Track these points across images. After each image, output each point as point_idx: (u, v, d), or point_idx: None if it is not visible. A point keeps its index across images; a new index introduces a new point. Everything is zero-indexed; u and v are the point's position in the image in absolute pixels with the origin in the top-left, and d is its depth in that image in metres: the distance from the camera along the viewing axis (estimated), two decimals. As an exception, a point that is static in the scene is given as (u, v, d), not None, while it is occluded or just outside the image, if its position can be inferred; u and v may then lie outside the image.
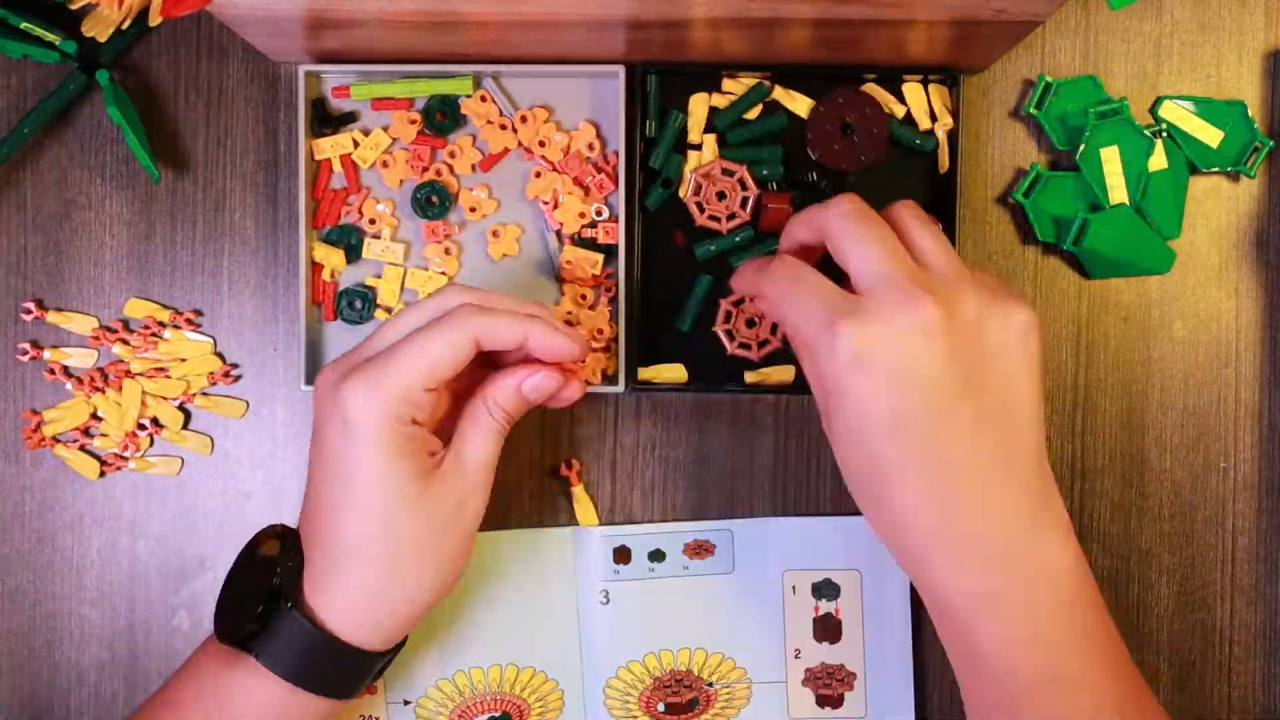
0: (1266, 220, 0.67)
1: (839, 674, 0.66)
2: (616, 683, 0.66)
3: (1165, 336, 0.67)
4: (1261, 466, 0.67)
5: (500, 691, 0.66)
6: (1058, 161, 0.67)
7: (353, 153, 0.65)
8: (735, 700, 0.66)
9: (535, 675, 0.66)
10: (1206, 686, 0.67)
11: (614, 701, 0.66)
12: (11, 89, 0.66)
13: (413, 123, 0.65)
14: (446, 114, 0.64)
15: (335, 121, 0.65)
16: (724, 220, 0.64)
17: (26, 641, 0.67)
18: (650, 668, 0.66)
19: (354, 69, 0.64)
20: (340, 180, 0.65)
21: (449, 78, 0.64)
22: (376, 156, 0.65)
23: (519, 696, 0.66)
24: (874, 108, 0.63)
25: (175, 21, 0.66)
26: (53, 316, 0.66)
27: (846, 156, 0.63)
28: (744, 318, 0.64)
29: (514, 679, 0.66)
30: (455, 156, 0.65)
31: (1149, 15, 0.67)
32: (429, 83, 0.64)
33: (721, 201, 0.63)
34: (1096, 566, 0.67)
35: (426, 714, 0.66)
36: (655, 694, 0.66)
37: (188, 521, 0.67)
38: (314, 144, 0.64)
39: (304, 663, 0.52)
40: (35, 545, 0.67)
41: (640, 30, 0.59)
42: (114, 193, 0.67)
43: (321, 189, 0.65)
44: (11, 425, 0.67)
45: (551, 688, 0.66)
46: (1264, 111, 0.67)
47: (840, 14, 0.56)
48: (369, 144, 0.65)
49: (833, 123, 0.63)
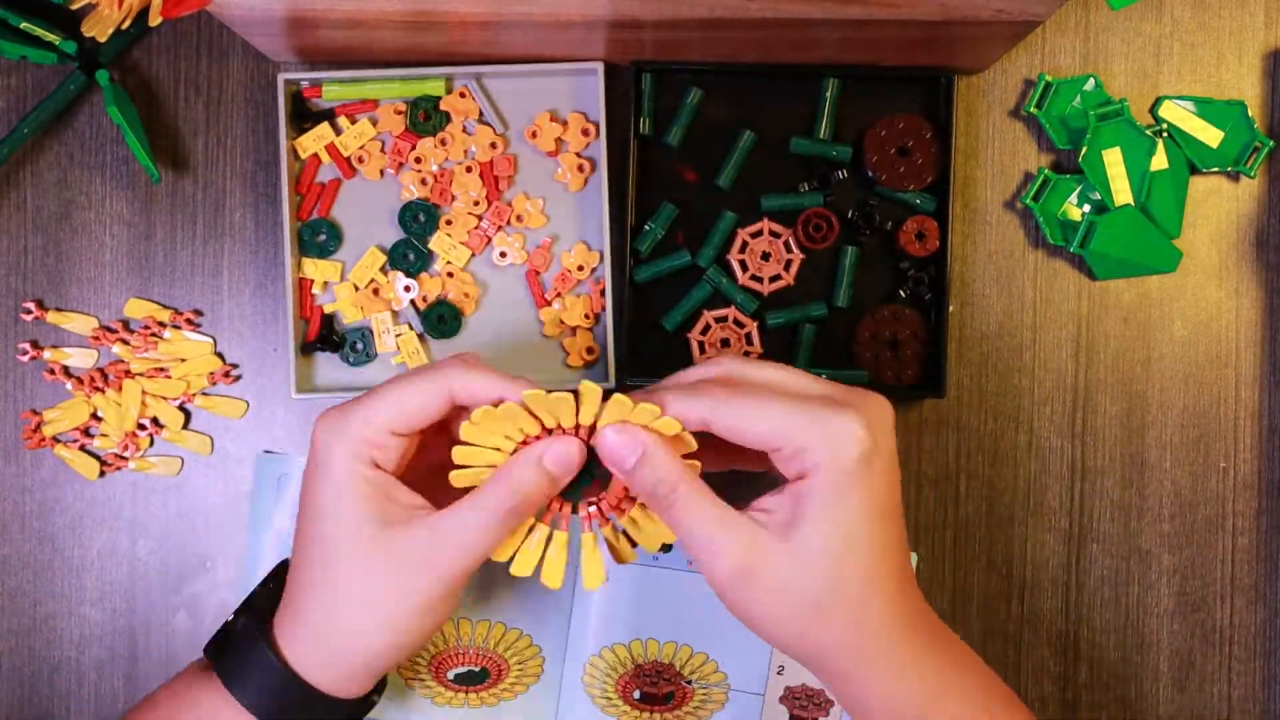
0: (1266, 220, 0.67)
1: (818, 699, 0.66)
2: (599, 661, 0.66)
3: (1165, 336, 0.67)
4: (1261, 466, 0.67)
5: (484, 647, 0.66)
6: (1059, 162, 0.67)
7: (335, 140, 0.65)
8: (710, 703, 0.66)
9: (521, 638, 0.66)
10: (1206, 686, 0.67)
11: (592, 680, 0.66)
12: (12, 90, 0.66)
13: (399, 113, 0.65)
14: (429, 114, 0.64)
15: (316, 118, 0.65)
16: (765, 281, 0.64)
17: (26, 641, 0.67)
18: (635, 654, 0.66)
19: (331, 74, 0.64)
20: (331, 171, 0.65)
21: (422, 79, 0.64)
22: (360, 145, 0.65)
23: (499, 654, 0.66)
24: (927, 128, 0.63)
25: (175, 21, 0.66)
26: (53, 316, 0.66)
27: (909, 177, 0.64)
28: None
29: (499, 637, 0.66)
30: (447, 144, 0.65)
31: (1149, 15, 0.67)
32: (401, 84, 0.64)
33: (766, 261, 0.64)
34: (1096, 566, 0.67)
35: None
36: (634, 680, 0.66)
37: (188, 521, 0.67)
38: (297, 143, 0.64)
39: (263, 693, 0.52)
40: (35, 545, 0.67)
41: (636, 30, 0.59)
42: (114, 193, 0.67)
43: (307, 184, 0.65)
44: (12, 425, 0.67)
45: (534, 654, 0.66)
46: (1264, 111, 0.67)
47: (840, 14, 0.56)
48: (353, 133, 0.65)
49: (891, 145, 0.64)
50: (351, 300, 0.65)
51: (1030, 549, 0.67)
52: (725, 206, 0.65)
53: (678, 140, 0.65)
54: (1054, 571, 0.67)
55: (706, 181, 0.65)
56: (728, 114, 0.65)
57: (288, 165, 0.64)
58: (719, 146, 0.65)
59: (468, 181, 0.65)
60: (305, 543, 0.52)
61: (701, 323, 0.65)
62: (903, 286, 0.65)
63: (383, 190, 0.66)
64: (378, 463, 0.50)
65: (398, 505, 0.50)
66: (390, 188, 0.66)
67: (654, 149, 0.65)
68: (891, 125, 0.64)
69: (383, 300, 0.65)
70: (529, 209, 0.65)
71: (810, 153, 0.65)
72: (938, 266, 0.64)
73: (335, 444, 0.50)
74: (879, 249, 0.65)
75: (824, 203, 0.65)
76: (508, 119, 0.65)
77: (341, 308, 0.65)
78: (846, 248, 0.64)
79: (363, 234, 0.65)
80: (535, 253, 0.65)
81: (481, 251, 0.66)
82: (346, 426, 0.50)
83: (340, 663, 0.52)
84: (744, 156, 0.65)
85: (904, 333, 0.64)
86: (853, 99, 0.65)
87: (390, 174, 0.65)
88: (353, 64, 0.65)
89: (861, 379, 0.64)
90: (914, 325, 0.64)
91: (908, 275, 0.65)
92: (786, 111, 0.65)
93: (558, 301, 0.65)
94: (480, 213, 0.65)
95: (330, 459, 0.50)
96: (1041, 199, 0.66)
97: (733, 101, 0.65)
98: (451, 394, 0.50)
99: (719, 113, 0.65)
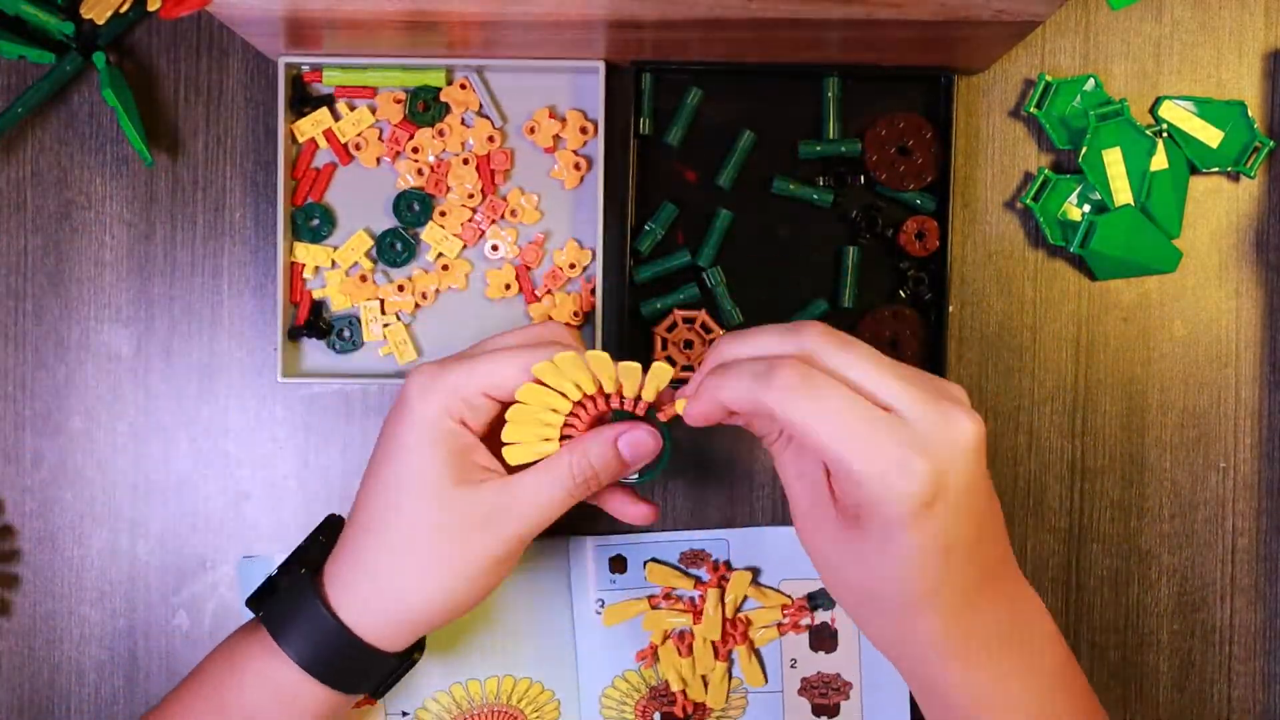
0: (1266, 220, 0.67)
1: (835, 683, 0.66)
2: (613, 692, 0.66)
3: (1165, 336, 0.67)
4: (1261, 466, 0.67)
5: (497, 703, 0.66)
6: (1059, 162, 0.67)
7: (333, 126, 0.65)
8: (731, 710, 0.66)
9: (532, 686, 0.66)
10: (1206, 686, 0.67)
11: (610, 711, 0.66)
12: (12, 90, 0.66)
13: (398, 102, 0.65)
14: (429, 105, 0.64)
15: (315, 103, 0.65)
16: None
17: (26, 641, 0.67)
18: (646, 677, 0.66)
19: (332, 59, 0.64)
20: (328, 156, 0.65)
21: (423, 69, 0.64)
22: (358, 132, 0.65)
23: (515, 707, 0.66)
24: (927, 128, 0.63)
25: (175, 21, 0.66)
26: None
27: (909, 177, 0.64)
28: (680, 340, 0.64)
29: (510, 690, 0.66)
30: (444, 135, 0.65)
31: (1149, 15, 0.67)
32: (402, 73, 0.64)
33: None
34: (1097, 566, 0.67)
35: None
36: (651, 703, 0.66)
37: (188, 521, 0.67)
38: (295, 126, 0.64)
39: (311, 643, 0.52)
40: (35, 545, 0.67)
41: (636, 31, 0.59)
42: (114, 193, 0.67)
43: (303, 168, 0.65)
44: (11, 425, 0.67)
45: (548, 698, 0.66)
46: (1264, 111, 0.67)
47: (840, 14, 0.56)
48: (351, 119, 0.65)
49: (892, 145, 0.64)
50: (339, 288, 0.65)
51: (1030, 549, 0.67)
52: (725, 206, 0.65)
53: (678, 140, 0.65)
54: (1054, 571, 0.67)
55: (706, 181, 0.65)
56: (727, 114, 0.65)
57: (285, 149, 0.64)
58: (719, 147, 0.65)
59: (464, 174, 0.65)
60: (373, 488, 0.52)
61: (669, 320, 0.64)
62: (903, 287, 0.65)
63: (378, 178, 0.66)
64: (465, 421, 0.51)
65: (474, 465, 0.51)
66: (385, 176, 0.66)
67: (654, 149, 0.65)
68: (892, 125, 0.64)
69: (370, 287, 0.65)
70: (523, 204, 0.65)
71: (820, 155, 0.64)
72: (938, 266, 0.64)
73: (427, 395, 0.50)
74: (879, 249, 0.65)
75: (833, 203, 0.65)
76: (506, 113, 0.65)
77: (330, 294, 0.65)
78: (847, 248, 0.64)
79: (356, 220, 0.65)
80: (527, 248, 0.65)
81: (475, 244, 0.66)
82: (442, 381, 0.50)
83: (390, 611, 0.52)
84: (744, 156, 0.65)
85: (904, 332, 0.64)
86: (853, 99, 0.65)
87: (387, 162, 0.65)
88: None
89: None
90: (914, 325, 0.64)
91: (908, 275, 0.65)
92: (787, 112, 0.65)
93: (547, 298, 0.65)
94: (474, 205, 0.65)
95: (418, 409, 0.51)
96: (1041, 199, 0.66)
97: (733, 101, 0.65)
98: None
99: (719, 113, 0.65)
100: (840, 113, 0.64)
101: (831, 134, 0.64)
